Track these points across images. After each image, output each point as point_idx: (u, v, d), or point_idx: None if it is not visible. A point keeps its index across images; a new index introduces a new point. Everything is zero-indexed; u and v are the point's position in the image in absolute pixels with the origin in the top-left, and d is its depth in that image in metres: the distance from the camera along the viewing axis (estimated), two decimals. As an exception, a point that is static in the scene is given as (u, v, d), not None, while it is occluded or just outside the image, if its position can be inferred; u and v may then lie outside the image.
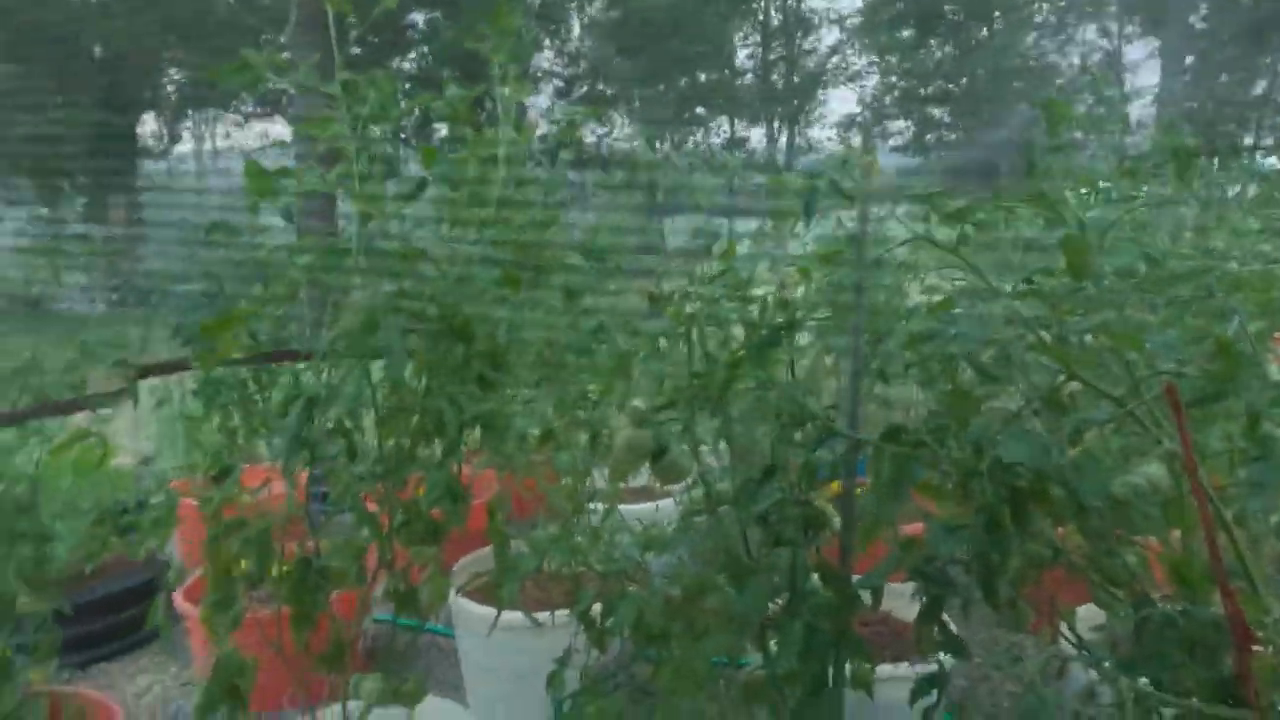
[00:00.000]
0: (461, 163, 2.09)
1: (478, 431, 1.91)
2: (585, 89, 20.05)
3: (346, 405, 1.66)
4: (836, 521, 1.37)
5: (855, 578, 1.36)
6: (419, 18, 19.02)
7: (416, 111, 2.16)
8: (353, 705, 1.72)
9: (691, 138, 22.11)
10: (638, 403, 1.45)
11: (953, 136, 21.53)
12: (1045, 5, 21.75)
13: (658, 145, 22.07)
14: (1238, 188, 2.66)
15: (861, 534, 1.39)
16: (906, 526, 1.77)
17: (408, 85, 19.06)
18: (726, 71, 21.20)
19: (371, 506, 1.92)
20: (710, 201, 2.58)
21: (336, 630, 1.71)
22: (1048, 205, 1.22)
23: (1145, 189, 2.69)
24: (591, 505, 1.96)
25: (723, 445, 1.42)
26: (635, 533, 1.69)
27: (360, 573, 1.84)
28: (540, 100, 20.02)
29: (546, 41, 19.51)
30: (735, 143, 22.36)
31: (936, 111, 21.57)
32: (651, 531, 1.66)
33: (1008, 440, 1.07)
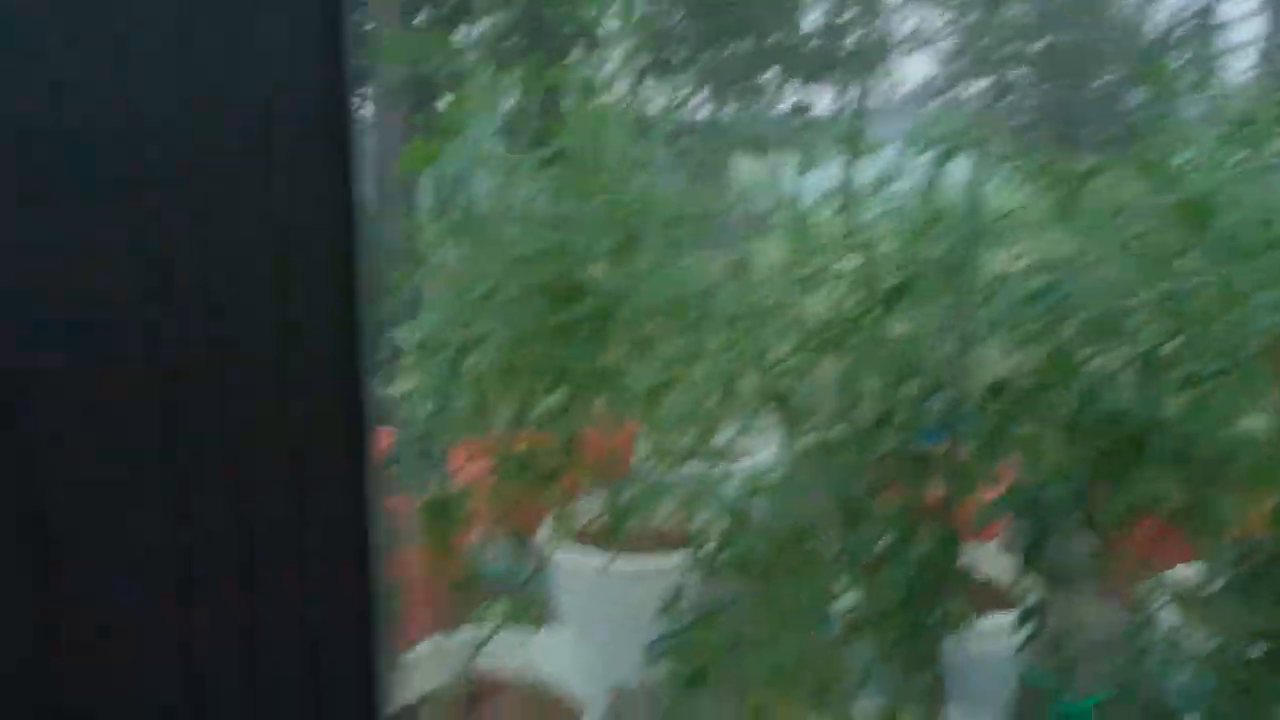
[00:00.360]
0: (575, 133, 2.22)
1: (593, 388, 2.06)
2: (651, 57, 19.94)
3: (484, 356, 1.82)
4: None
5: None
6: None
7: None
8: (482, 632, 1.91)
9: (758, 103, 21.79)
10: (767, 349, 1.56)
11: (1033, 101, 20.75)
12: (1135, -44, 20.68)
13: (726, 110, 21.81)
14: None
15: (963, 484, 1.48)
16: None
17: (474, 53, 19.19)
18: (794, 33, 20.78)
19: (489, 452, 2.09)
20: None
21: (468, 562, 1.89)
22: (1159, 171, 1.28)
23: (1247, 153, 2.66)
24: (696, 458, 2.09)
25: (835, 395, 1.52)
26: (744, 478, 1.81)
27: (486, 512, 2.02)
28: (608, 67, 19.99)
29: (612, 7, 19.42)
30: (801, 109, 21.98)
31: (1015, 73, 20.78)
32: (759, 479, 1.78)
33: (1115, 390, 1.15)
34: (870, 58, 21.13)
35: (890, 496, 1.42)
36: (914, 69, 21.81)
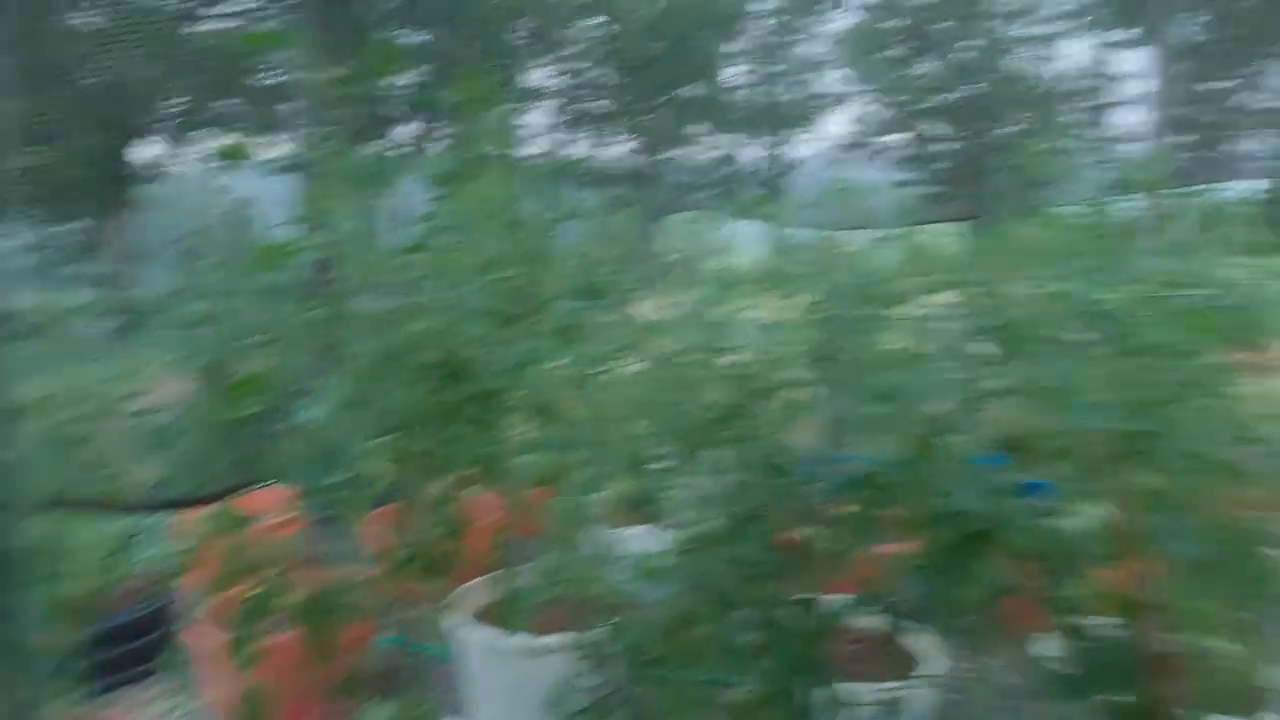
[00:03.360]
0: (457, 212, 2.22)
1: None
2: (580, 106, 20.20)
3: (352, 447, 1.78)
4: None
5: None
6: (416, 38, 19.15)
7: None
8: (368, 730, 1.83)
9: (685, 154, 22.27)
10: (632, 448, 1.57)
11: (946, 151, 21.69)
12: (1037, 19, 21.98)
13: (653, 161, 22.20)
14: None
15: (830, 568, 1.50)
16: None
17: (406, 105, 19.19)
18: (718, 89, 21.38)
19: (374, 537, 2.04)
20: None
21: (350, 660, 1.82)
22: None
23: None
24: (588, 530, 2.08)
25: (710, 486, 1.54)
26: (630, 561, 1.80)
27: (370, 605, 1.96)
28: (536, 117, 20.18)
29: (541, 58, 19.66)
30: (727, 160, 22.54)
31: (929, 127, 21.74)
32: (648, 562, 1.78)
33: (961, 488, 1.19)
34: (793, 113, 21.87)
35: (762, 586, 1.44)
36: (835, 124, 22.59)
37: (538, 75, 20.01)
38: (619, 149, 21.18)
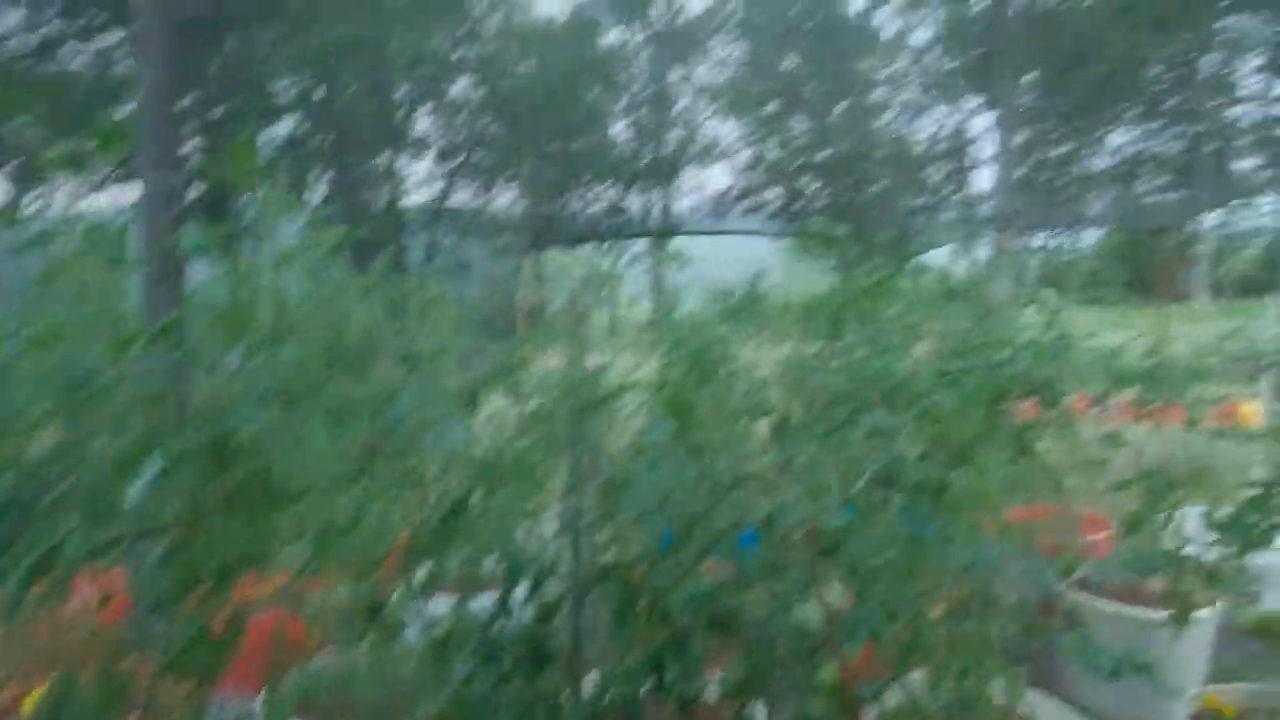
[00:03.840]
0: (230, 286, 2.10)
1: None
2: (464, 157, 20.17)
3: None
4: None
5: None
6: (289, 82, 18.73)
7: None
8: None
9: (569, 206, 22.54)
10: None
11: (819, 206, 22.71)
12: (901, 82, 23.50)
13: (536, 213, 22.32)
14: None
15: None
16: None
17: (279, 153, 18.67)
18: (601, 142, 21.80)
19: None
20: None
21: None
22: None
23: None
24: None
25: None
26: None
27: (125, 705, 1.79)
28: (422, 165, 20.01)
29: (423, 108, 19.59)
30: (614, 211, 22.91)
31: (802, 183, 22.77)
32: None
33: (680, 585, 1.18)
34: (674, 166, 22.53)
35: (511, 685, 1.39)
36: (715, 177, 23.38)
37: (422, 125, 19.90)
38: (503, 199, 21.25)
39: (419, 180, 20.20)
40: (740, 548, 1.44)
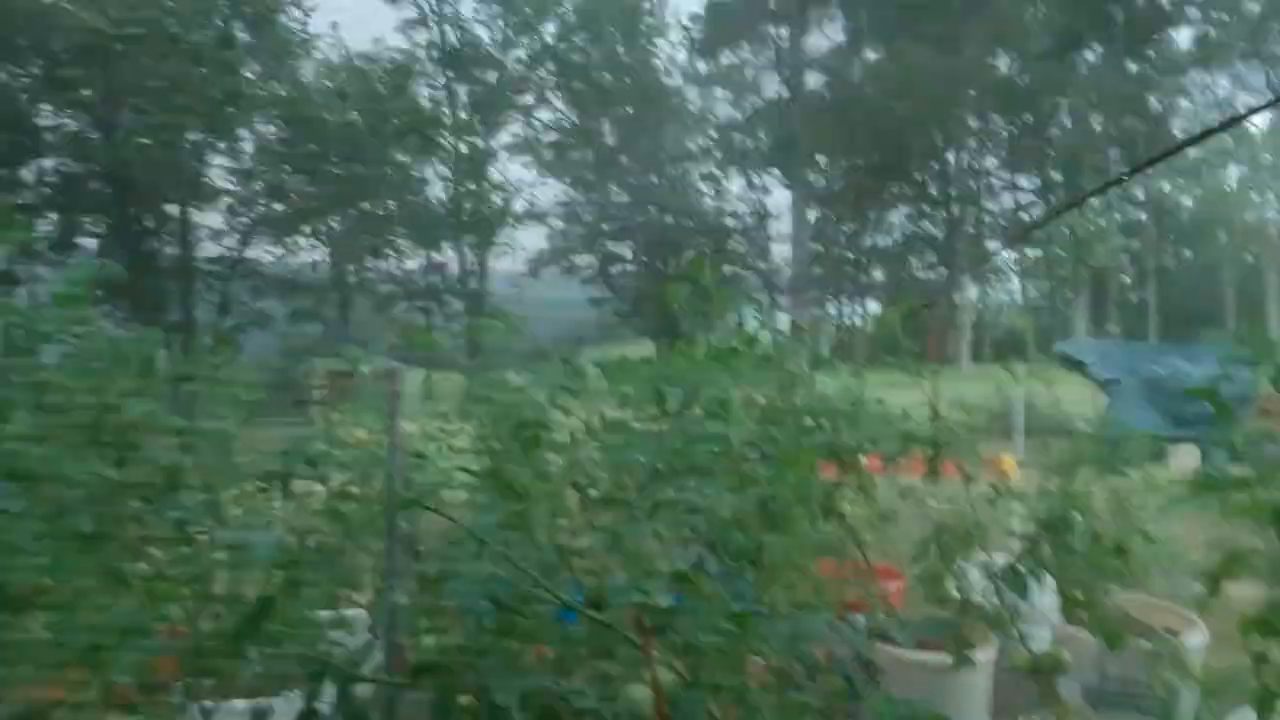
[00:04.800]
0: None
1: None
2: (262, 208, 18.96)
3: None
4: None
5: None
6: (57, 121, 16.99)
7: None
8: None
9: (381, 262, 21.80)
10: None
11: (633, 270, 23.45)
12: (708, 156, 25.00)
13: (347, 270, 21.36)
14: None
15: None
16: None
17: (43, 196, 16.77)
18: (416, 199, 21.36)
19: None
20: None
21: None
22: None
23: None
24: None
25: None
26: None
27: None
28: (213, 217, 18.57)
29: (219, 157, 18.31)
30: (434, 268, 22.43)
31: (617, 247, 23.47)
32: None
33: (502, 682, 1.13)
34: (489, 227, 22.45)
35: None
36: (532, 239, 23.54)
37: (216, 174, 18.57)
38: (306, 256, 20.17)
39: (216, 231, 18.77)
40: (564, 623, 1.41)
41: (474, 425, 2.35)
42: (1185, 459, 7.19)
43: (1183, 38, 21.69)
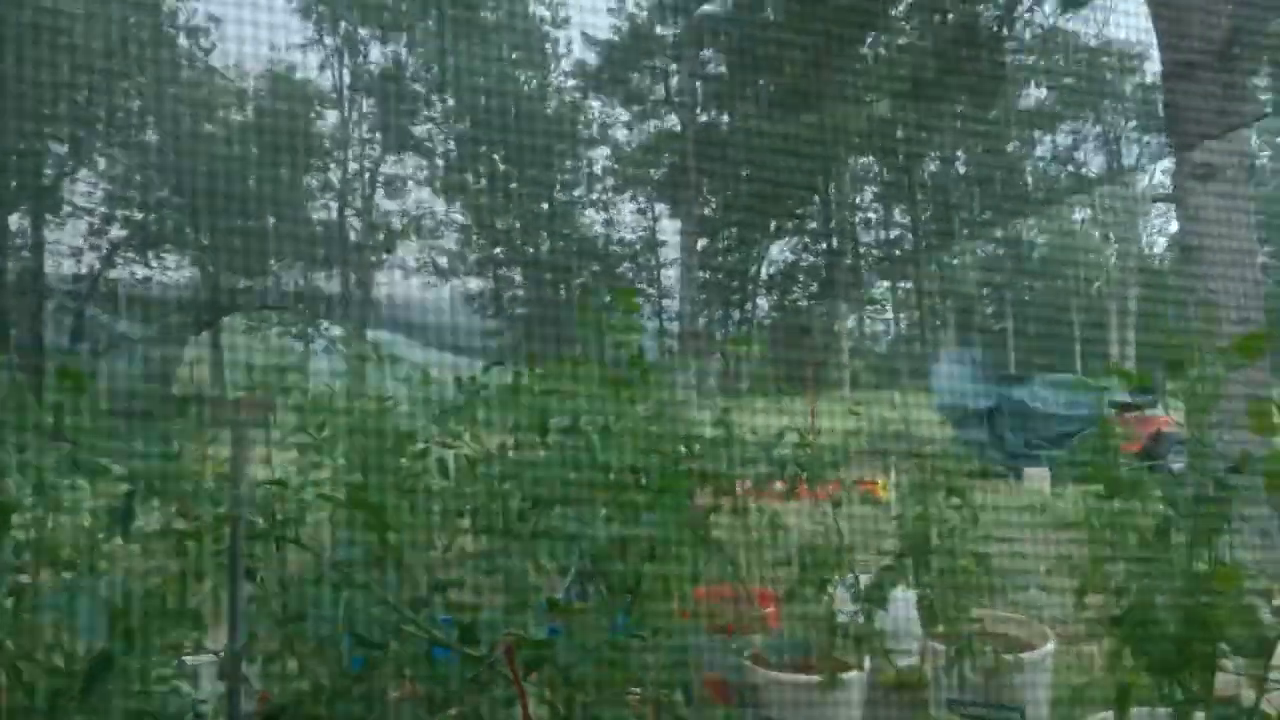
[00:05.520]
0: None
1: None
2: (130, 224, 17.82)
3: None
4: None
5: None
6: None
7: None
8: None
9: (264, 284, 20.84)
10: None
11: (526, 297, 23.34)
12: (598, 185, 25.25)
13: (220, 289, 20.26)
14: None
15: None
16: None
17: None
18: (297, 218, 20.59)
19: None
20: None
21: None
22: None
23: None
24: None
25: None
26: None
27: None
28: (71, 236, 17.27)
29: (80, 170, 17.10)
30: (308, 292, 21.60)
31: (510, 273, 23.30)
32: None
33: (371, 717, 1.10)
34: (376, 247, 21.85)
35: None
36: (417, 260, 23.04)
37: (72, 190, 17.32)
38: (181, 273, 19.05)
39: (76, 247, 17.47)
40: (437, 660, 1.38)
41: (343, 450, 2.28)
42: (1037, 480, 7.73)
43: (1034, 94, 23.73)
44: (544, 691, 1.24)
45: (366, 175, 21.91)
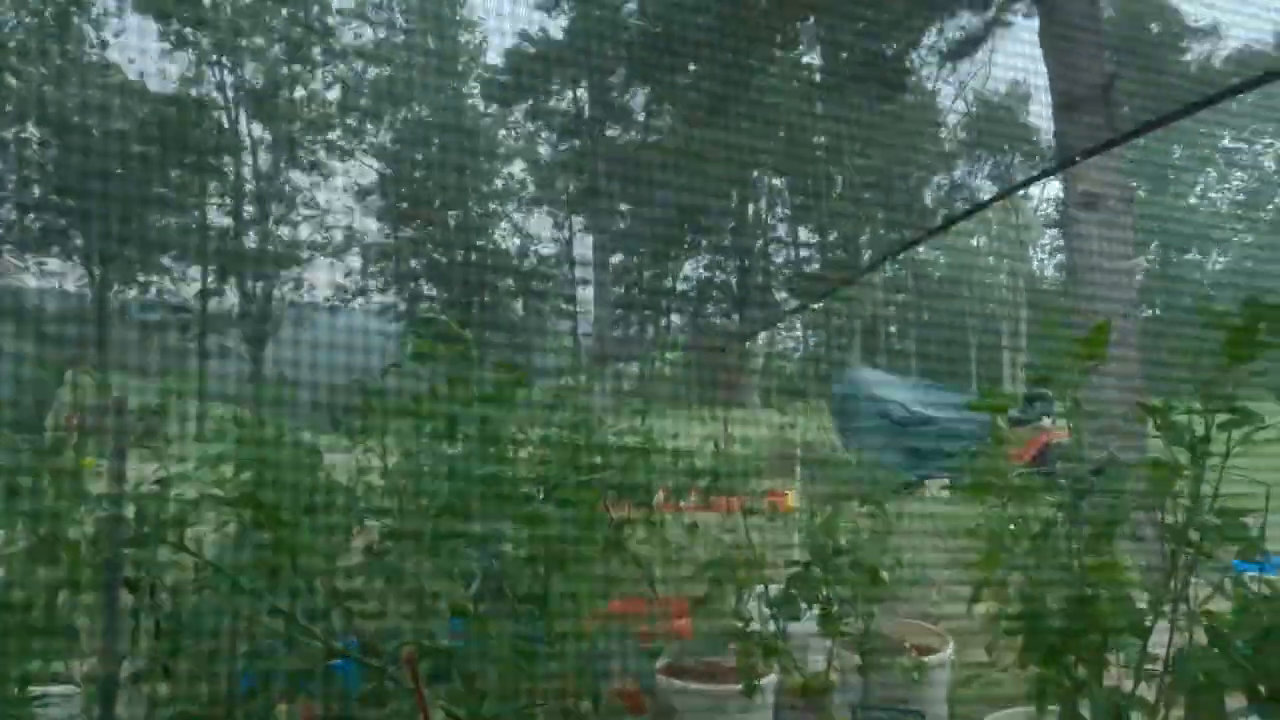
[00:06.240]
0: None
1: None
2: (11, 220, 16.67)
3: None
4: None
5: None
6: None
7: None
8: None
9: (154, 286, 19.84)
10: None
11: (441, 308, 22.93)
12: (516, 199, 25.09)
13: (108, 295, 19.15)
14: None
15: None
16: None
17: None
18: (193, 224, 19.70)
19: None
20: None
21: None
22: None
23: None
24: None
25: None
26: None
27: None
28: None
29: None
30: (207, 295, 20.70)
31: (424, 285, 22.87)
32: None
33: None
34: (283, 258, 21.08)
35: None
36: (327, 273, 22.34)
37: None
38: (59, 281, 17.91)
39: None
40: (336, 673, 1.32)
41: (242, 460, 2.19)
42: (937, 490, 8.03)
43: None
44: (448, 703, 1.20)
45: (269, 183, 21.17)
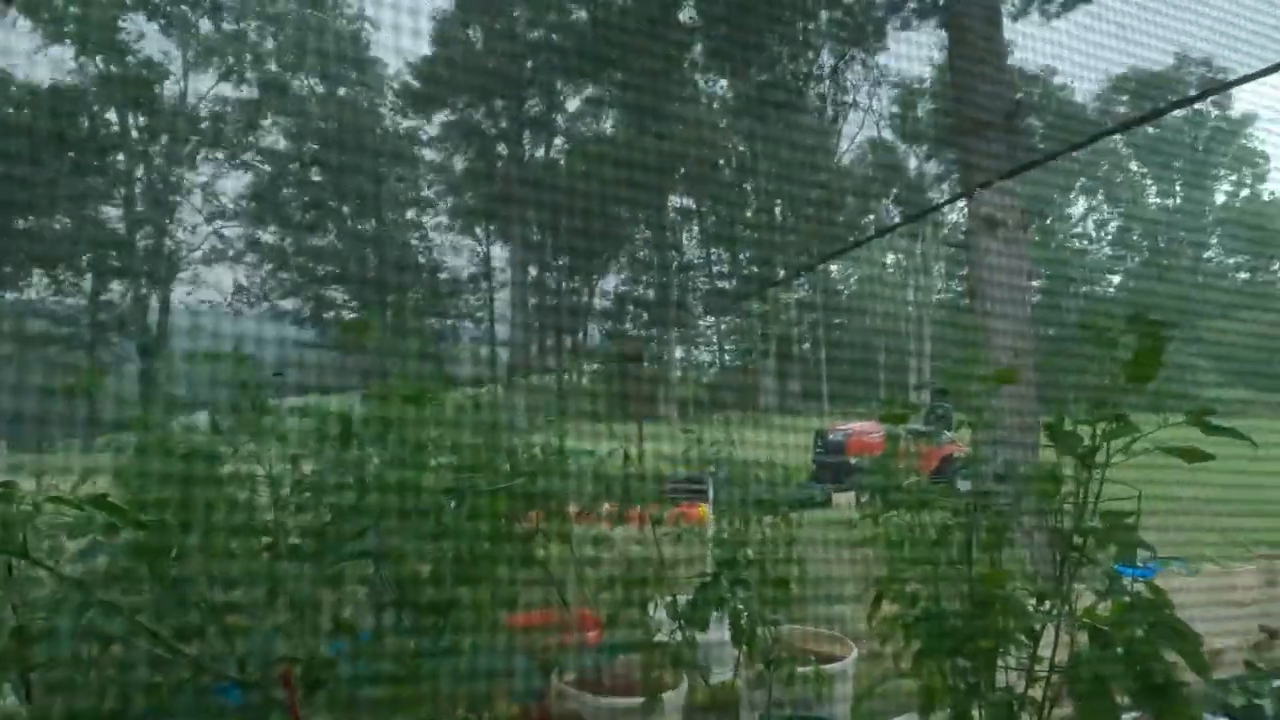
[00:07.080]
0: None
1: None
2: None
3: None
4: None
5: None
6: None
7: None
8: None
9: (36, 289, 18.67)
10: None
11: (349, 315, 22.29)
12: (429, 207, 24.68)
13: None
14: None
15: None
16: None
17: None
18: (73, 226, 18.66)
19: None
20: None
21: None
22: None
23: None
24: None
25: None
26: None
27: None
28: None
29: None
30: (96, 301, 19.60)
31: (331, 291, 22.22)
32: None
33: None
34: (177, 261, 20.16)
35: None
36: (228, 277, 21.47)
37: None
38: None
39: None
40: (215, 697, 1.23)
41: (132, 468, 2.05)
42: (844, 503, 8.26)
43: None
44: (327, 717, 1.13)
45: (167, 183, 20.23)
